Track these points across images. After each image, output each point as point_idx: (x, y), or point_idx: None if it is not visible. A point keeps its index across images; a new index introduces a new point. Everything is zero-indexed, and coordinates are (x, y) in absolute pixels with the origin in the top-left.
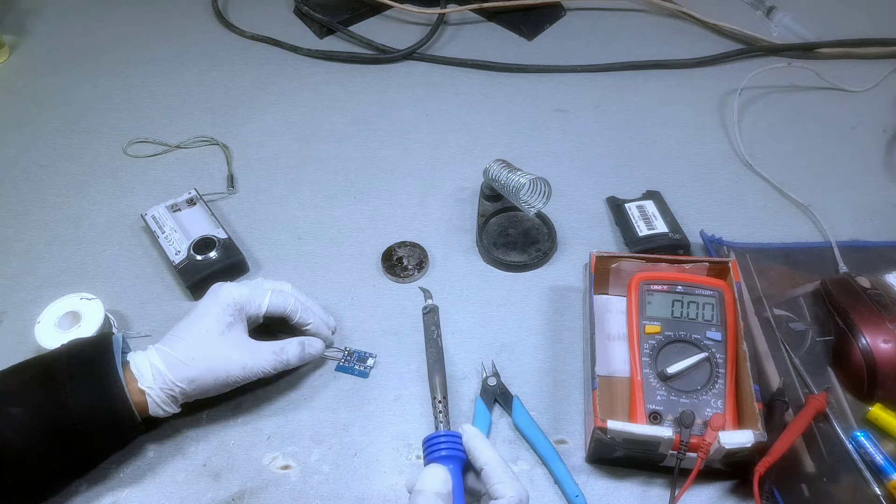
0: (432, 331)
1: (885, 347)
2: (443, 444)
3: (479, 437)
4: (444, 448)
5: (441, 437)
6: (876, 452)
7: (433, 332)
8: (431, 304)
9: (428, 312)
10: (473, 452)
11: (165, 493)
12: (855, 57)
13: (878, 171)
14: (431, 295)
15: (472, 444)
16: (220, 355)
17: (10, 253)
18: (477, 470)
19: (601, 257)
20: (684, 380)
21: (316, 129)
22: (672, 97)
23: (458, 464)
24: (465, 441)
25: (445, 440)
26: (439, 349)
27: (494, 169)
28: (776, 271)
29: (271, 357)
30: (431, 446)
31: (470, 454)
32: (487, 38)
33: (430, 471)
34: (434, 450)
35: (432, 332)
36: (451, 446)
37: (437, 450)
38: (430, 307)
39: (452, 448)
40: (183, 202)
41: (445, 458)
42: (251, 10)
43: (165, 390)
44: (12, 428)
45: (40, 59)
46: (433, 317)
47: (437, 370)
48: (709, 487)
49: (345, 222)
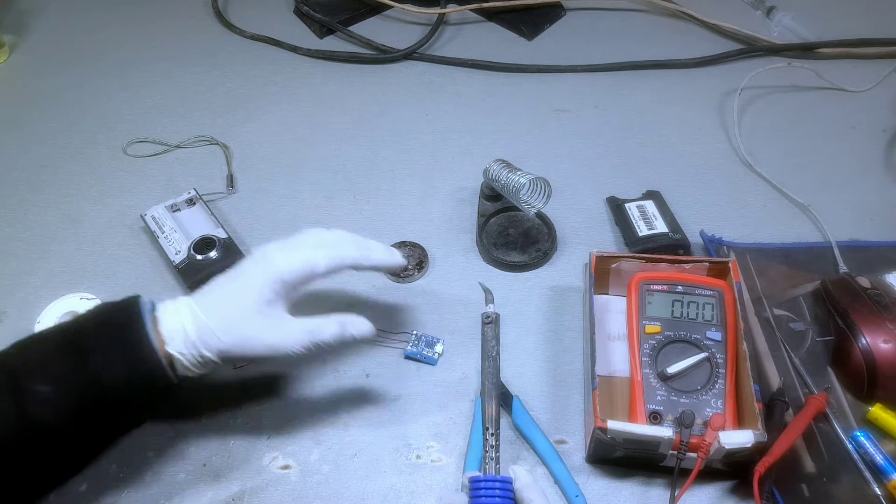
0: (492, 346)
1: (885, 347)
2: (498, 493)
3: (534, 486)
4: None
5: (496, 485)
6: (876, 452)
7: (493, 348)
8: (493, 311)
9: (489, 322)
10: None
11: (165, 493)
12: (855, 57)
13: (878, 171)
14: (493, 297)
15: (525, 495)
16: (250, 335)
17: (10, 253)
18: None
19: (601, 257)
20: (684, 380)
21: (316, 129)
22: (672, 97)
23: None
24: (517, 489)
25: (502, 488)
26: (497, 369)
27: (494, 169)
28: (776, 271)
29: (304, 337)
30: (482, 490)
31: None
32: (487, 38)
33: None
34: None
35: (491, 348)
36: (503, 494)
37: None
38: (493, 316)
39: (506, 498)
40: (183, 202)
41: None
42: (251, 10)
43: (195, 356)
44: (45, 406)
45: (40, 59)
46: (494, 328)
47: (493, 394)
48: (709, 487)
49: (345, 222)
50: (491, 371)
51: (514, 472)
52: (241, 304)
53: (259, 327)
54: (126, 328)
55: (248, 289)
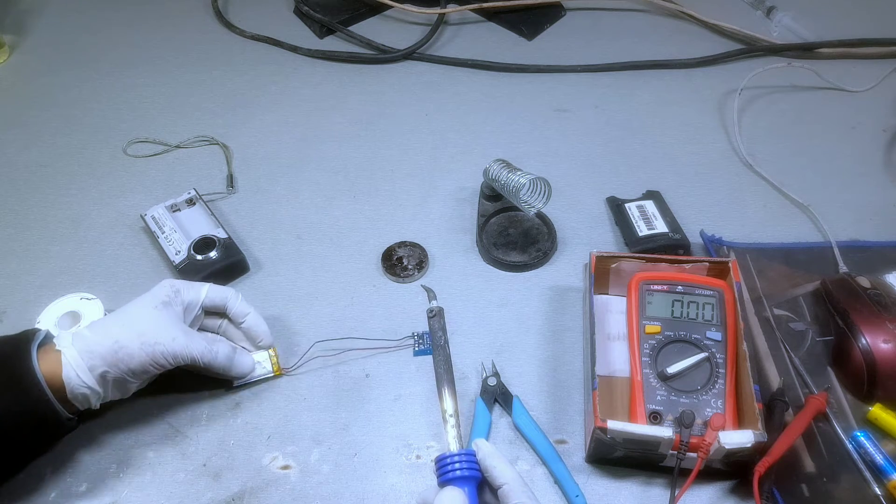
0: (439, 336)
1: (885, 347)
2: (458, 465)
3: (495, 454)
4: (459, 469)
5: (455, 458)
6: (876, 452)
7: (440, 338)
8: (437, 305)
9: (434, 316)
10: (491, 471)
11: (165, 493)
12: (855, 57)
13: (878, 171)
14: (435, 295)
15: (489, 463)
16: (150, 325)
17: (10, 253)
18: (494, 488)
19: (601, 257)
20: (684, 380)
21: (316, 129)
22: (672, 97)
23: (474, 484)
24: (480, 459)
25: (460, 460)
26: (447, 356)
27: (494, 169)
28: (776, 271)
29: (202, 342)
30: (445, 467)
31: (487, 472)
32: (487, 38)
33: (446, 494)
34: (449, 471)
35: (439, 338)
36: (466, 466)
37: (452, 471)
38: (436, 310)
39: (468, 468)
40: (182, 202)
41: (461, 479)
42: (251, 10)
43: (84, 353)
44: None
45: (40, 59)
46: (439, 320)
47: (447, 381)
48: (709, 487)
49: (345, 222)
50: (441, 359)
51: (476, 445)
52: (135, 304)
53: (157, 319)
54: (10, 359)
55: (141, 297)
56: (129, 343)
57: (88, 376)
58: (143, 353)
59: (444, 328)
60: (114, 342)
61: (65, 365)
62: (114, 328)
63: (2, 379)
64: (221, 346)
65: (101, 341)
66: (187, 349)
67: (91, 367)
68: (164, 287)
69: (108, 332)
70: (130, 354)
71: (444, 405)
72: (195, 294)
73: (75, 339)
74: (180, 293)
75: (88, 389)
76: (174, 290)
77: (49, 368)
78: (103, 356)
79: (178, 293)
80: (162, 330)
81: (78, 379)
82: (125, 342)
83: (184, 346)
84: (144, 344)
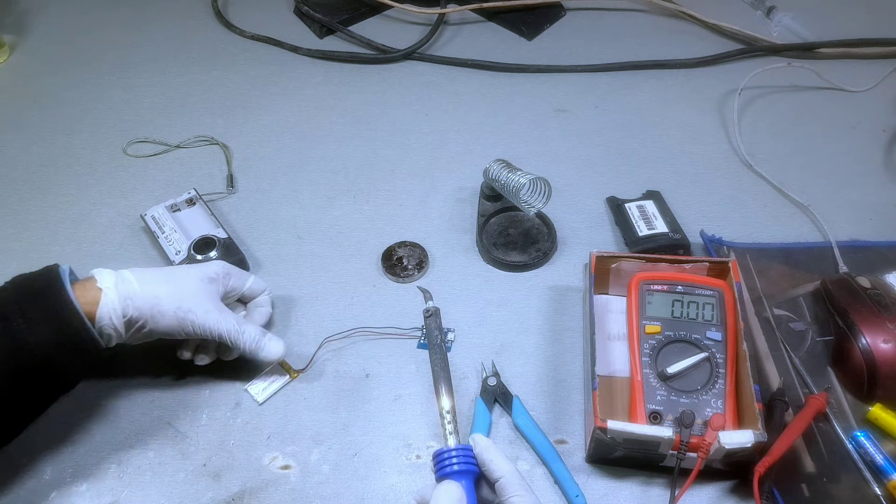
0: (435, 335)
1: (885, 347)
2: (455, 459)
3: (492, 448)
4: (456, 463)
5: (452, 452)
6: (876, 452)
7: (436, 337)
8: (433, 305)
9: (430, 315)
10: (488, 465)
11: (165, 493)
12: (855, 57)
13: (878, 171)
14: (432, 296)
15: (486, 457)
16: (190, 294)
17: (10, 253)
18: (491, 482)
19: (601, 257)
20: (684, 380)
21: (316, 129)
22: (672, 97)
23: (471, 478)
24: (477, 453)
25: (458, 455)
26: (444, 355)
27: (494, 169)
28: (776, 271)
29: (232, 321)
30: (443, 461)
31: (484, 466)
32: (487, 38)
33: (443, 488)
34: (446, 465)
35: (435, 337)
36: (462, 461)
37: (450, 465)
38: (432, 310)
39: (465, 462)
40: (182, 202)
41: (458, 473)
42: (251, 10)
43: (124, 298)
44: None
45: (40, 59)
46: (436, 320)
47: (443, 379)
48: (709, 487)
49: (345, 222)
50: (438, 357)
51: (473, 440)
52: (184, 270)
53: (199, 291)
54: (46, 292)
55: (190, 266)
56: (167, 305)
57: (120, 320)
58: (175, 317)
59: (441, 327)
60: (153, 297)
61: (102, 304)
62: (157, 286)
63: (41, 311)
64: (249, 327)
65: (143, 294)
66: (218, 325)
67: (124, 312)
68: (215, 265)
69: (151, 287)
70: (163, 314)
71: (440, 403)
72: (241, 282)
73: (119, 282)
74: (230, 276)
75: (114, 331)
76: (225, 271)
77: (84, 302)
78: (139, 308)
79: (227, 276)
80: (200, 302)
81: (109, 320)
82: (164, 302)
83: (215, 321)
84: (179, 309)
